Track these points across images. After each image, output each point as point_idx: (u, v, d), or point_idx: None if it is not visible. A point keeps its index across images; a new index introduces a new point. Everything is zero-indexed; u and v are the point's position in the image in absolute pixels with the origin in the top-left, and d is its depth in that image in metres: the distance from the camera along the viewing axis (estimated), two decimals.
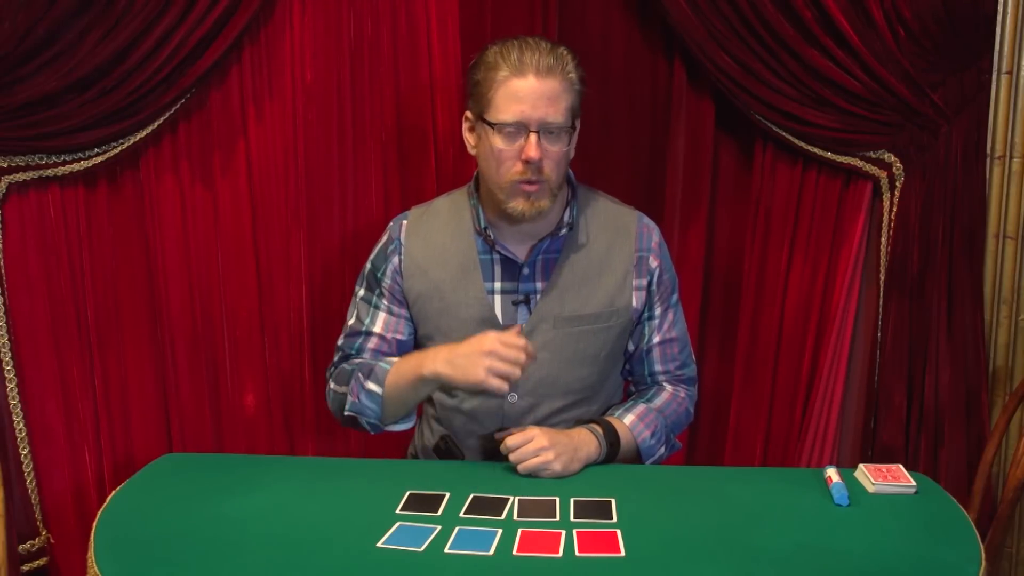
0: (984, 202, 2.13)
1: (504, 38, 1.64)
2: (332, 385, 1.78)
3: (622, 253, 1.74)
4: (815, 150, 2.13)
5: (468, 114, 1.69)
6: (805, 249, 2.21)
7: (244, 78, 2.15)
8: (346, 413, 1.72)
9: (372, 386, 1.68)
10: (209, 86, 2.13)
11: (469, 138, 1.71)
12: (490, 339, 1.55)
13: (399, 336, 1.77)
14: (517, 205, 1.64)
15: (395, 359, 1.71)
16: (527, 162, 1.59)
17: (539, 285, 1.72)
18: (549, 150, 1.61)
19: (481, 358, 1.53)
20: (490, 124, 1.61)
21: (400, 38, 2.17)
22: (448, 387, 1.64)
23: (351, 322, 1.80)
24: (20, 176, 2.06)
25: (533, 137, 1.59)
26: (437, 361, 1.59)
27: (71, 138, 2.03)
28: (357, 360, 1.76)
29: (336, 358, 1.82)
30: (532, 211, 1.64)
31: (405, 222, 1.79)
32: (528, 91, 1.58)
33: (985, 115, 2.10)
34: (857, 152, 2.12)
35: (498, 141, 1.61)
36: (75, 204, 2.13)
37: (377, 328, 1.77)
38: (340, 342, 1.81)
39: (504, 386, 1.53)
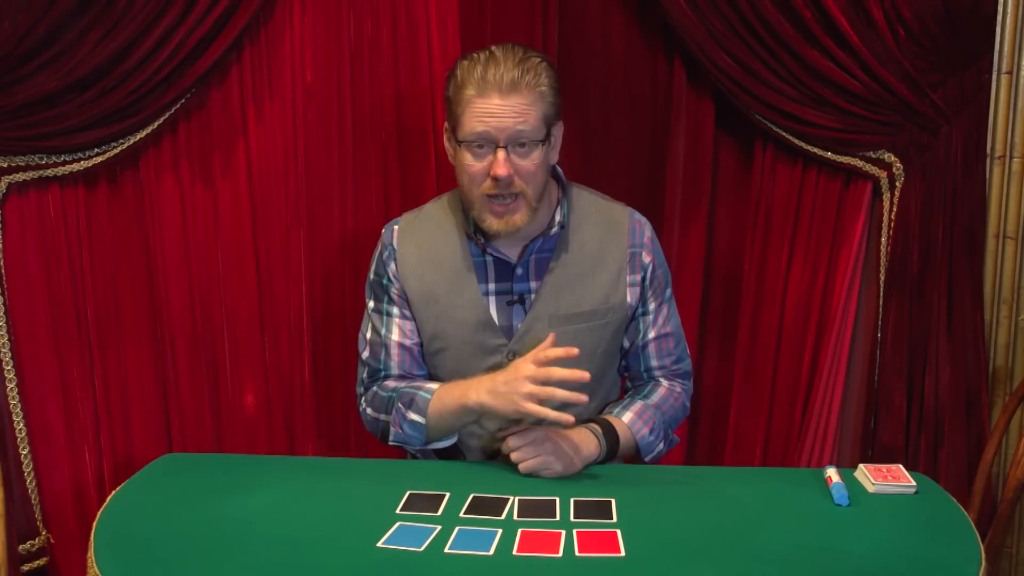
0: (984, 202, 2.13)
1: (475, 50, 1.64)
2: (368, 410, 1.78)
3: (615, 250, 1.75)
4: (815, 150, 2.13)
5: (447, 124, 1.70)
6: (805, 249, 2.21)
7: (244, 78, 2.15)
8: (391, 443, 1.73)
9: (414, 416, 1.68)
10: (209, 86, 2.13)
11: (447, 147, 1.72)
12: (527, 365, 1.55)
13: (418, 340, 1.77)
14: (492, 224, 1.65)
15: (433, 386, 1.70)
16: (496, 178, 1.60)
17: (533, 285, 1.72)
18: (520, 164, 1.61)
19: (519, 385, 1.54)
20: (458, 141, 1.63)
21: (400, 38, 2.17)
22: (491, 415, 1.64)
23: (369, 335, 1.80)
24: (20, 176, 2.06)
25: (501, 154, 1.59)
26: (481, 392, 1.60)
27: (71, 138, 2.03)
28: (391, 384, 1.76)
29: (364, 374, 1.81)
30: (507, 229, 1.65)
31: (396, 227, 1.80)
32: (492, 109, 1.58)
33: (985, 115, 2.10)
34: (857, 152, 2.12)
35: (467, 157, 1.62)
36: (75, 204, 2.13)
37: (395, 336, 1.77)
38: (364, 355, 1.80)
39: (544, 411, 1.53)
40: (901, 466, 1.59)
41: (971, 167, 2.09)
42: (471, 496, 1.51)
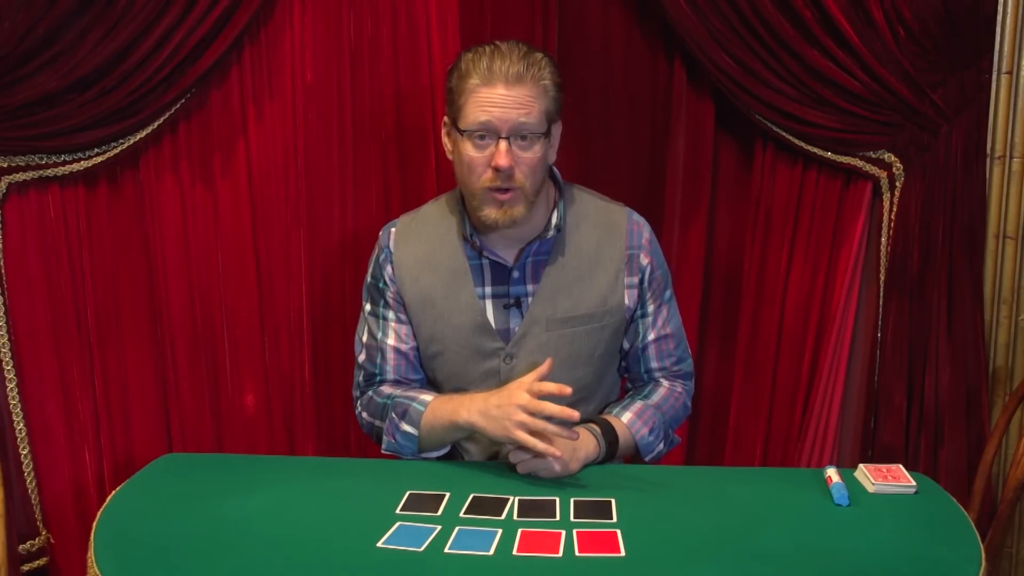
0: (984, 202, 2.13)
1: (480, 44, 1.64)
2: (364, 414, 1.79)
3: (612, 251, 1.74)
4: (815, 150, 2.13)
5: (446, 119, 1.70)
6: (805, 249, 2.21)
7: (244, 78, 2.15)
8: (384, 451, 1.74)
9: (407, 428, 1.68)
10: (209, 86, 2.13)
11: (447, 142, 1.71)
12: (521, 394, 1.54)
13: (414, 344, 1.77)
14: (490, 214, 1.64)
15: (428, 398, 1.70)
16: (497, 169, 1.60)
17: (530, 288, 1.71)
18: (521, 157, 1.61)
19: (512, 412, 1.54)
20: (460, 131, 1.62)
21: (400, 38, 2.17)
22: (480, 436, 1.64)
23: (365, 338, 1.80)
24: (20, 176, 2.06)
25: (503, 144, 1.59)
26: (472, 412, 1.60)
27: (71, 138, 2.03)
28: (387, 390, 1.76)
29: (360, 378, 1.81)
30: (505, 219, 1.64)
31: (394, 230, 1.79)
32: (497, 99, 1.58)
33: (985, 115, 2.10)
34: (857, 152, 2.12)
35: (469, 148, 1.62)
36: (75, 204, 2.13)
37: (391, 341, 1.77)
38: (360, 359, 1.81)
39: (533, 441, 1.53)
40: (901, 466, 1.59)
41: (971, 167, 2.09)
42: (471, 496, 1.51)
